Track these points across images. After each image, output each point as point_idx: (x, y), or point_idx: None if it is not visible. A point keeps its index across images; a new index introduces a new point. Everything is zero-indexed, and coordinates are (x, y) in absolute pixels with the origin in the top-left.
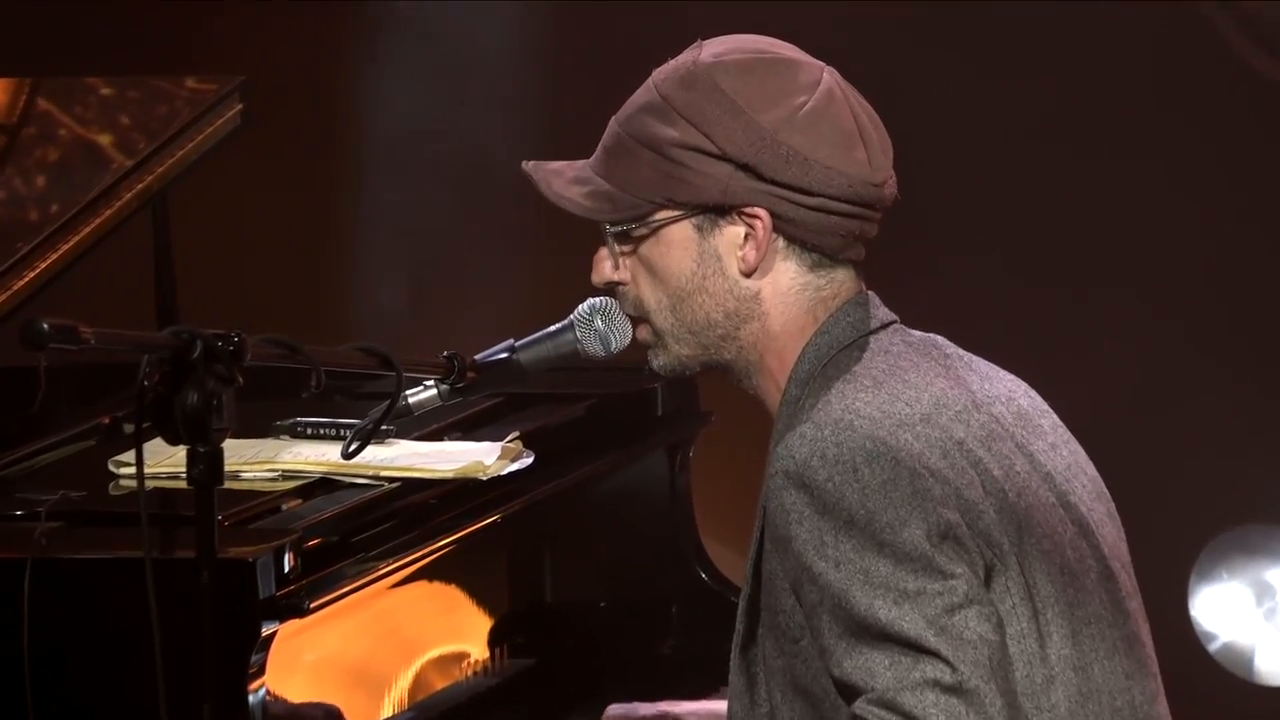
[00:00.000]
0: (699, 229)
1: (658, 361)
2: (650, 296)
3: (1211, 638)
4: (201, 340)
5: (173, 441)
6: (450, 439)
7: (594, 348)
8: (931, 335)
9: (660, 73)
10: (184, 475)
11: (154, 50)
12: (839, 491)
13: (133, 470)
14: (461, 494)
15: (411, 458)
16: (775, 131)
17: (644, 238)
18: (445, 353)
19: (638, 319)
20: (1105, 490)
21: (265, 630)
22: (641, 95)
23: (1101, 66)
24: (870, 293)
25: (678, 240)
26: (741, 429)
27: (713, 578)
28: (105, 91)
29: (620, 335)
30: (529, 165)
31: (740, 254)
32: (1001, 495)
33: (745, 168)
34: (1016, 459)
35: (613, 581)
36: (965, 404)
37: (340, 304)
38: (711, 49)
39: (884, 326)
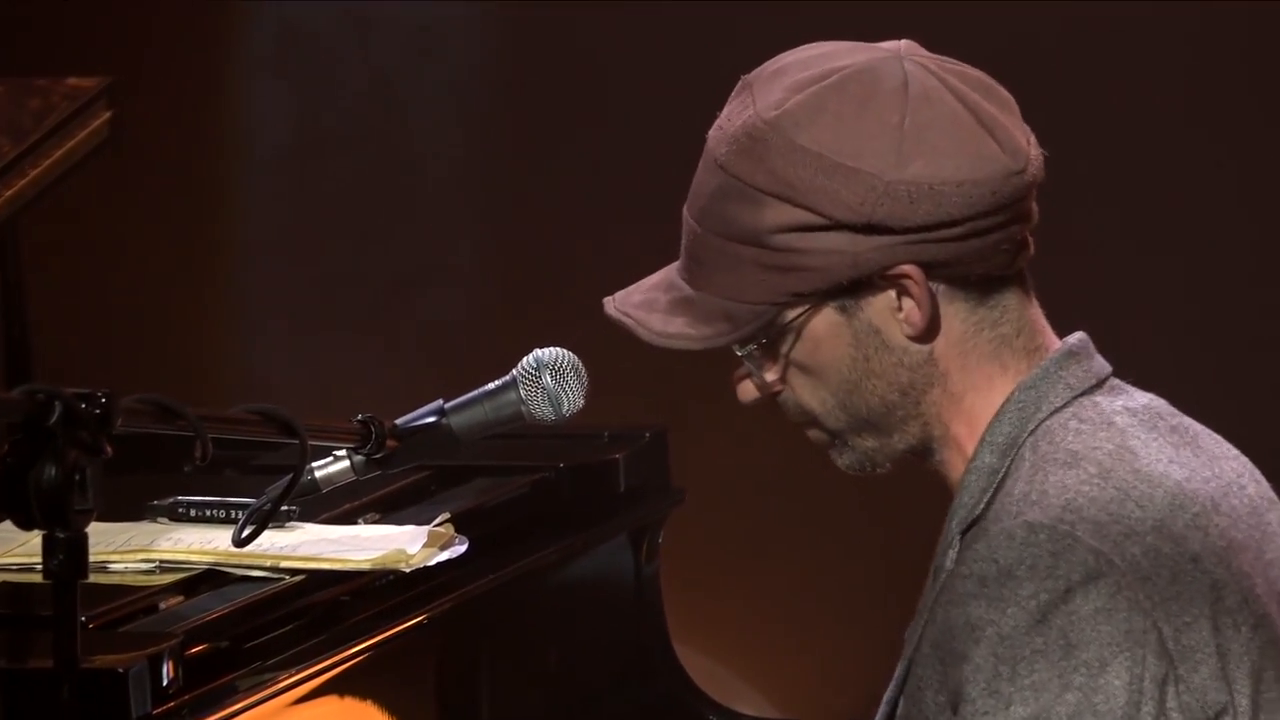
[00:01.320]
0: (842, 310)
1: (843, 461)
2: (813, 399)
3: None
4: (61, 401)
5: (25, 526)
6: (366, 521)
7: (542, 410)
8: (1153, 399)
9: (719, 143)
10: (39, 567)
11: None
12: (1043, 613)
13: None
14: (380, 589)
15: (319, 545)
16: (884, 173)
17: (782, 341)
18: (360, 416)
19: (804, 423)
20: None
21: None
22: (710, 178)
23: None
24: (1083, 334)
25: (823, 332)
26: (721, 508)
27: (687, 691)
28: None
29: (574, 394)
30: (612, 309)
31: (901, 318)
32: (1235, 631)
33: (867, 228)
34: (1255, 578)
35: (565, 696)
36: (1204, 504)
37: (230, 356)
38: (766, 95)
39: (1101, 384)
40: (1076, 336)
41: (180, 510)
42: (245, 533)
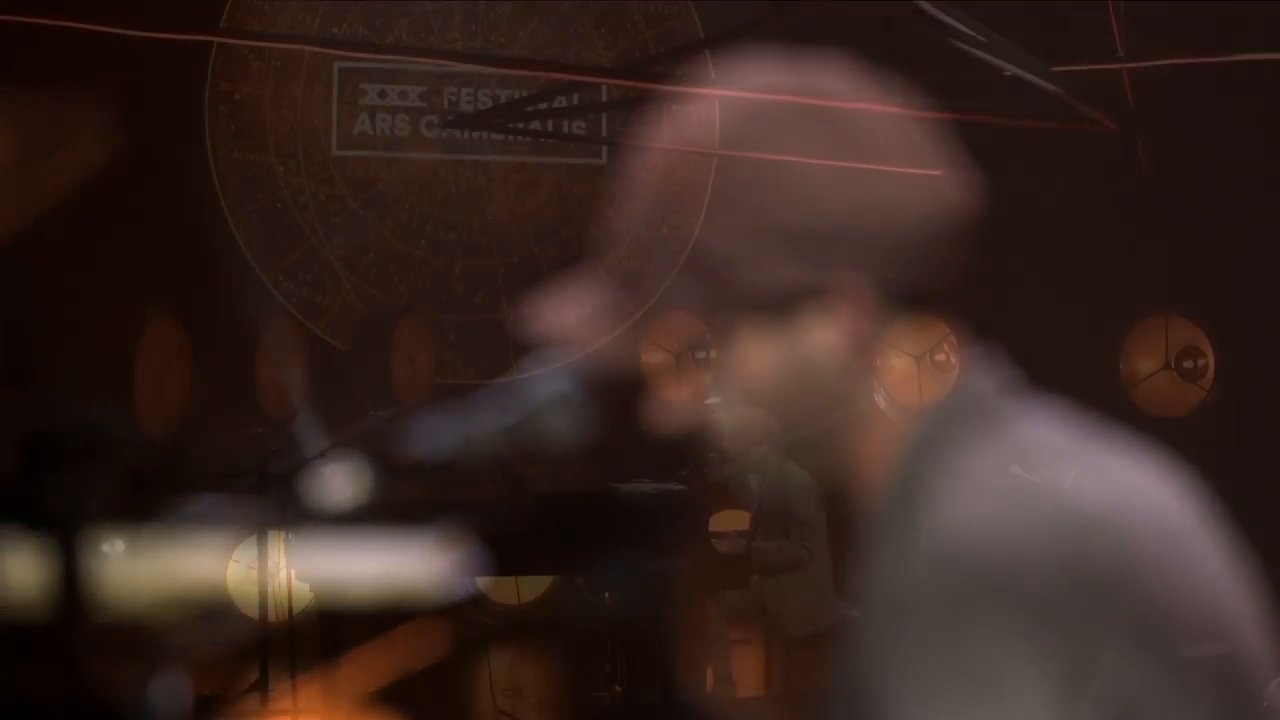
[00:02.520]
0: (783, 326)
1: (757, 477)
2: (745, 414)
3: None
4: (70, 418)
5: (31, 545)
6: (377, 540)
7: (556, 430)
8: (1052, 423)
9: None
10: (43, 589)
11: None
12: (938, 642)
13: None
14: (386, 612)
15: (324, 566)
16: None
17: (718, 356)
18: (364, 432)
19: (733, 439)
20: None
21: None
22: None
23: None
24: (984, 356)
25: (761, 347)
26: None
27: (697, 714)
28: None
29: (584, 415)
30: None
31: (840, 334)
32: (1130, 642)
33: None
34: (1153, 590)
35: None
36: (1092, 523)
37: (233, 366)
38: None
39: (997, 410)
40: (976, 359)
41: (182, 530)
42: (250, 553)
